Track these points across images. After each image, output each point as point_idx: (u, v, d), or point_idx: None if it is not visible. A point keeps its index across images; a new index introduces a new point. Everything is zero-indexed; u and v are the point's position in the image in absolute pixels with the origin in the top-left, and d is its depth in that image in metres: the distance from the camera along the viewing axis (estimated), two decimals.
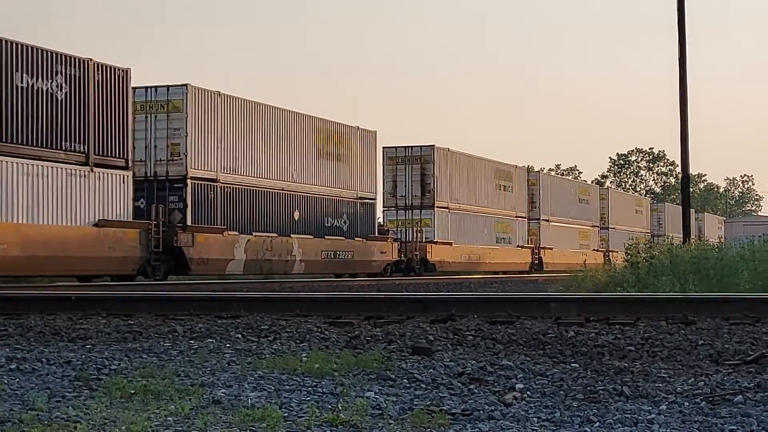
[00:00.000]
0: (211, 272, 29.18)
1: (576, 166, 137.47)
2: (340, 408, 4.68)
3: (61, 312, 9.90)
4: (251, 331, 8.12)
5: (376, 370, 5.89)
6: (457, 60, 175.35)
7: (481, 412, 4.67)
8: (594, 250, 59.58)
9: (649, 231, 71.37)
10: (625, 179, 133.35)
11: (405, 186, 42.26)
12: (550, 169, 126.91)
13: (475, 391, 5.32)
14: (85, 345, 7.47)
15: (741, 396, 5.03)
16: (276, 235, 31.40)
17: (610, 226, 65.33)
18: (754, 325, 8.06)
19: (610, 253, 61.14)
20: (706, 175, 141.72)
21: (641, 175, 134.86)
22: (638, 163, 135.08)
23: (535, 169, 60.49)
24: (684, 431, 4.28)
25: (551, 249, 54.23)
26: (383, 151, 42.33)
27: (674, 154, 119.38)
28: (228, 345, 7.26)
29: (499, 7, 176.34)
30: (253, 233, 30.38)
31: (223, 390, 5.20)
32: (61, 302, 10.56)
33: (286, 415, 4.55)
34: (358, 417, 4.47)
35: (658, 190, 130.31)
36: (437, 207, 41.91)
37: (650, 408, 4.77)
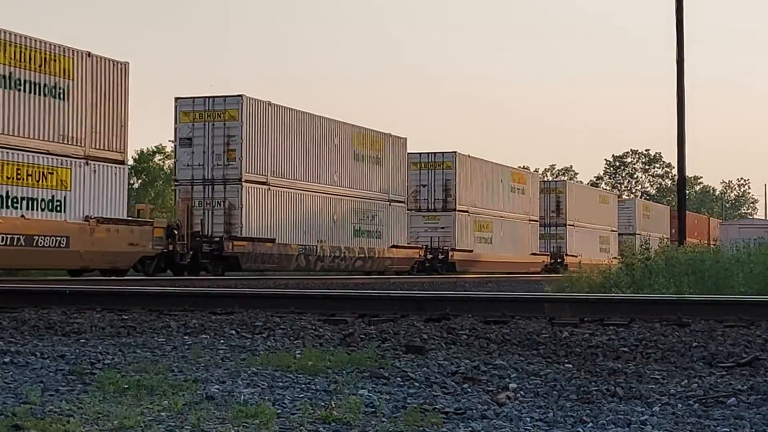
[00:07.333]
0: None
1: (572, 166, 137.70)
2: (334, 405, 4.68)
3: (55, 306, 9.90)
4: (245, 327, 8.12)
5: (369, 368, 5.89)
6: (453, 60, 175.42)
7: (474, 411, 4.67)
8: (533, 254, 51.76)
9: (616, 229, 64.60)
10: (621, 181, 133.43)
11: None
12: (546, 170, 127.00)
13: (469, 390, 5.32)
14: (79, 339, 7.46)
15: (734, 398, 5.03)
16: None
17: (568, 223, 57.13)
18: (748, 327, 8.07)
19: (565, 257, 53.91)
20: (702, 177, 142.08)
21: (637, 177, 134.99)
22: (634, 164, 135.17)
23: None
24: None
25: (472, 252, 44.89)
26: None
27: (670, 156, 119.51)
28: (222, 341, 7.26)
29: (495, 8, 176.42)
30: None
31: (217, 386, 5.20)
32: (56, 296, 10.56)
33: (279, 411, 4.55)
34: (351, 415, 4.47)
35: (653, 192, 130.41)
36: (245, 182, 31.33)
37: (643, 409, 4.77)
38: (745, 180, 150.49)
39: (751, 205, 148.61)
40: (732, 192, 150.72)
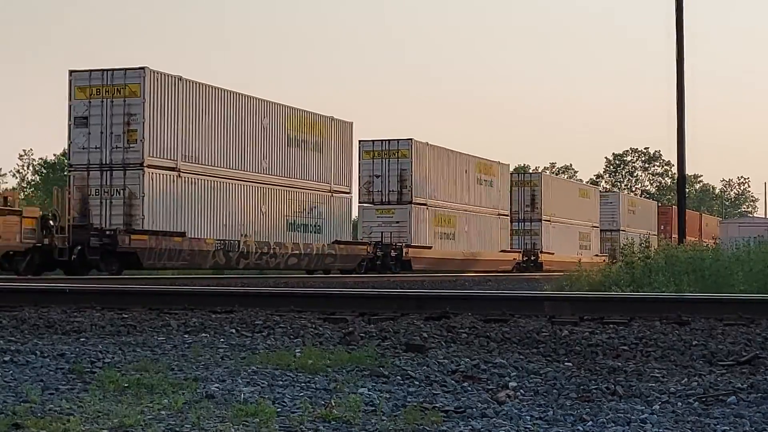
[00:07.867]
0: None
1: (571, 165, 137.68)
2: (333, 404, 4.68)
3: (55, 305, 9.89)
4: (245, 326, 8.12)
5: (369, 367, 5.89)
6: (453, 60, 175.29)
7: (474, 409, 4.67)
8: (502, 251, 48.35)
9: (598, 225, 60.82)
10: (621, 179, 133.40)
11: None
12: (545, 168, 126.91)
13: (469, 388, 5.32)
14: (79, 338, 7.46)
15: (734, 397, 5.03)
16: None
17: (544, 218, 53.18)
18: (748, 326, 8.06)
19: (540, 254, 51.15)
20: (702, 176, 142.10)
21: (637, 175, 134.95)
22: (634, 163, 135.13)
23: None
24: (677, 431, 4.28)
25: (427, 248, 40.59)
26: None
27: (670, 155, 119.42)
28: (222, 340, 7.26)
29: (495, 8, 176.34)
30: None
31: (217, 384, 5.20)
32: (56, 295, 10.55)
33: (279, 410, 4.55)
34: (351, 413, 4.47)
35: (653, 190, 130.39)
36: (148, 167, 27.65)
37: (643, 408, 4.77)
38: (745, 178, 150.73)
39: (751, 203, 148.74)
40: (732, 190, 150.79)
